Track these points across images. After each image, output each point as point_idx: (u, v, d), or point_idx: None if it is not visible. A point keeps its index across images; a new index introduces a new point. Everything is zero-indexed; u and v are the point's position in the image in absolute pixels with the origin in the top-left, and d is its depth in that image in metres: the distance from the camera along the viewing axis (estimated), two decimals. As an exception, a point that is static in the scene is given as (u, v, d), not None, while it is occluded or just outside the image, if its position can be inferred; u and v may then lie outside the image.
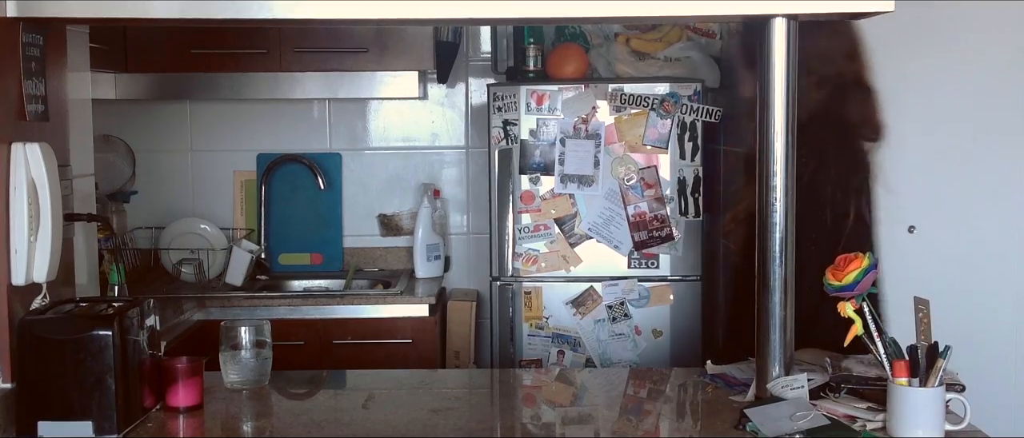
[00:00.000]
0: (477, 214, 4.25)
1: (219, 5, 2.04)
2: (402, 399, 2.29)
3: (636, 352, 3.71)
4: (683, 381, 2.50)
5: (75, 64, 2.39)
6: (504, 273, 3.73)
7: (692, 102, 3.63)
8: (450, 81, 4.12)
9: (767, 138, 2.14)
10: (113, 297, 2.58)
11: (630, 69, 3.75)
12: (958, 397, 1.99)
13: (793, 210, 2.16)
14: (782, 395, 2.13)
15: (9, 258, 2.04)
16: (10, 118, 2.05)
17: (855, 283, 2.03)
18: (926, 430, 1.93)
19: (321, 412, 2.22)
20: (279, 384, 2.40)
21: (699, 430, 2.18)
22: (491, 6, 2.10)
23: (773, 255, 2.15)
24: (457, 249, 4.27)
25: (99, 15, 2.07)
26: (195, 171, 4.22)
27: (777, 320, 2.16)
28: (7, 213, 2.04)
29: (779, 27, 2.11)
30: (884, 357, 2.00)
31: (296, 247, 4.17)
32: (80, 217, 2.33)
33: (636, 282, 3.70)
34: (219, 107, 4.18)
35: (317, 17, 2.08)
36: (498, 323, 3.75)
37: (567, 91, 3.67)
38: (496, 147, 3.69)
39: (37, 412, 2.00)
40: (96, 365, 2.00)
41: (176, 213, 4.12)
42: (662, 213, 3.67)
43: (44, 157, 2.08)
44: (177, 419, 2.17)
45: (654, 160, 3.66)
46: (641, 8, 2.11)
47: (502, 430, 2.23)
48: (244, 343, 2.35)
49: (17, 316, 2.05)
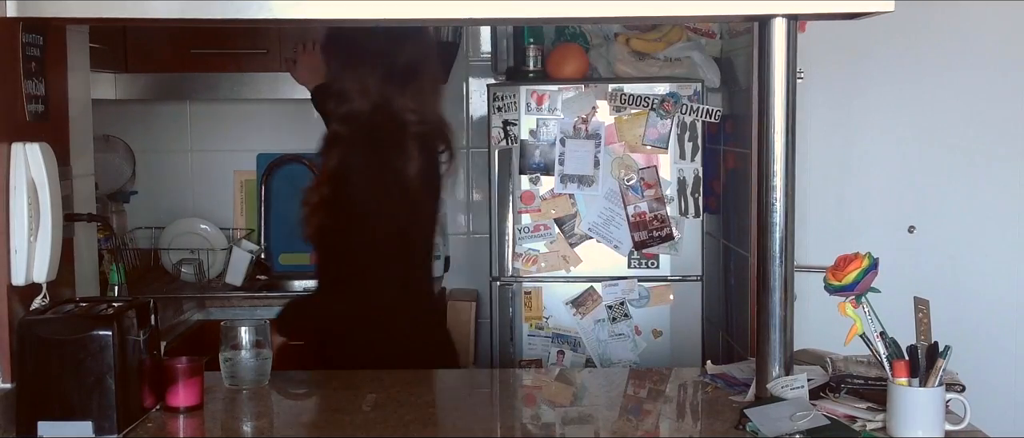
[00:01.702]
0: (477, 214, 4.25)
1: (219, 5, 2.04)
2: (402, 399, 2.29)
3: (636, 352, 3.71)
4: (683, 381, 2.50)
5: (75, 64, 2.39)
6: (504, 273, 3.73)
7: (692, 102, 3.63)
8: (450, 81, 4.11)
9: (767, 138, 2.14)
10: (113, 297, 2.58)
11: (630, 69, 3.75)
12: (958, 397, 1.99)
13: (793, 210, 2.16)
14: (782, 395, 2.13)
15: (9, 258, 2.03)
16: (10, 118, 2.05)
17: (855, 283, 2.03)
18: (926, 430, 1.93)
19: (321, 412, 2.22)
20: (279, 384, 2.40)
21: (699, 430, 2.18)
22: (491, 6, 2.10)
23: (773, 255, 2.15)
24: (457, 249, 4.27)
25: (99, 15, 2.07)
26: (195, 171, 4.22)
27: (777, 320, 2.16)
28: (7, 213, 2.04)
29: (779, 27, 2.10)
30: (884, 357, 2.00)
31: (296, 247, 4.16)
32: (80, 217, 2.33)
33: (636, 282, 3.70)
34: (219, 107, 4.17)
35: (317, 17, 2.08)
36: (498, 323, 3.75)
37: (567, 91, 3.67)
38: (496, 147, 3.69)
39: (37, 412, 2.00)
40: (96, 365, 2.00)
41: (176, 213, 4.12)
42: (662, 213, 3.67)
43: (44, 157, 2.08)
44: (177, 419, 2.17)
45: (654, 160, 3.66)
46: (641, 8, 2.11)
47: (502, 430, 2.23)
48: (244, 343, 2.35)
49: (17, 316, 2.05)
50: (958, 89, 3.48)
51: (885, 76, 3.50)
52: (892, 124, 3.53)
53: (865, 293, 2.04)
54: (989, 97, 3.48)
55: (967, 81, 3.48)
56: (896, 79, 3.50)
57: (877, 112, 3.52)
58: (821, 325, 2.47)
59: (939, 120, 3.51)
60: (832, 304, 2.07)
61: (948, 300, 2.74)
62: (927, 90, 3.50)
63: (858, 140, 3.52)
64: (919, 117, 3.52)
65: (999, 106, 3.47)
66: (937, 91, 3.50)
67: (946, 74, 3.49)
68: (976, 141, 3.49)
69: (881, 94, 3.51)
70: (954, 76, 3.48)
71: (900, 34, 3.40)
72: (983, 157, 3.50)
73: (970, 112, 3.49)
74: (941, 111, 3.50)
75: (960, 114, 3.49)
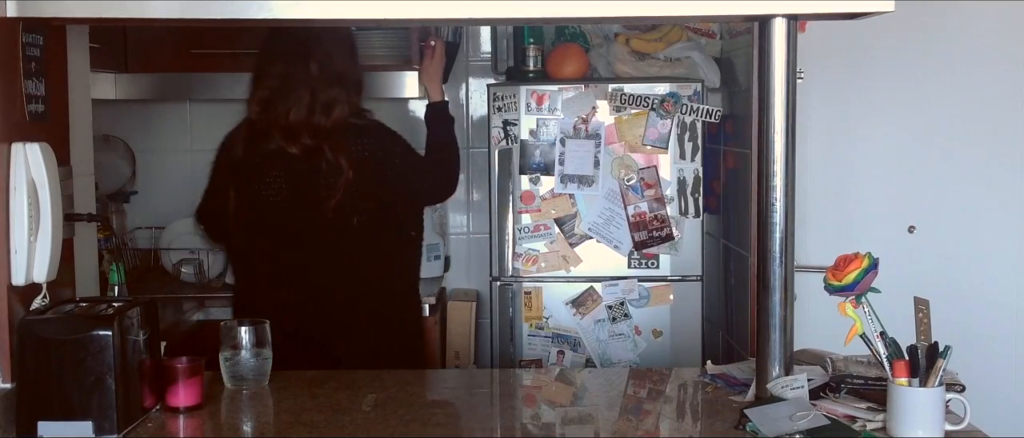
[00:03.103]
0: (477, 214, 4.25)
1: (219, 5, 2.04)
2: (402, 399, 2.29)
3: (636, 352, 3.71)
4: (683, 381, 2.50)
5: (75, 64, 2.39)
6: (504, 273, 3.73)
7: (692, 102, 3.63)
8: (450, 81, 4.11)
9: (767, 138, 2.14)
10: (113, 297, 2.57)
11: (630, 69, 3.75)
12: (958, 397, 1.99)
13: (793, 210, 2.16)
14: (782, 395, 2.13)
15: (9, 258, 2.04)
16: (10, 118, 2.05)
17: (855, 283, 2.03)
18: (926, 430, 1.93)
19: (321, 412, 2.22)
20: (279, 384, 2.40)
21: (699, 430, 2.18)
22: (491, 6, 2.10)
23: (773, 255, 2.15)
24: (457, 249, 4.27)
25: (99, 15, 2.07)
26: (195, 171, 4.20)
27: (777, 320, 2.16)
28: (7, 213, 2.04)
29: (779, 27, 2.10)
30: (884, 357, 2.00)
31: (296, 247, 4.17)
32: (80, 217, 2.33)
33: (636, 282, 3.70)
34: (219, 107, 4.16)
35: (317, 17, 2.08)
36: (498, 323, 3.75)
37: (567, 91, 3.67)
38: (496, 147, 3.69)
39: (37, 412, 2.00)
40: (96, 365, 2.00)
41: (176, 213, 4.12)
42: (662, 213, 3.67)
43: (44, 157, 2.08)
44: (177, 419, 2.17)
45: (654, 160, 3.66)
46: (641, 8, 2.11)
47: (502, 430, 2.23)
48: (244, 343, 2.35)
49: (17, 316, 2.05)
50: (958, 89, 3.48)
51: (885, 76, 3.50)
52: (892, 124, 3.53)
53: (865, 293, 2.04)
54: (989, 97, 3.48)
55: (967, 81, 3.48)
56: (896, 79, 3.50)
57: (877, 112, 3.52)
58: (821, 325, 2.47)
59: (939, 120, 3.51)
60: (832, 304, 2.07)
61: (948, 300, 2.74)
62: (927, 90, 3.50)
63: (858, 140, 3.52)
64: (919, 117, 3.51)
65: (999, 106, 3.47)
66: (937, 91, 3.50)
67: (946, 74, 3.49)
68: (976, 141, 3.49)
69: (881, 94, 3.51)
70: (954, 76, 3.48)
71: (900, 34, 3.40)
72: (983, 157, 3.50)
73: (970, 112, 3.49)
74: (941, 111, 3.50)
75: (960, 114, 3.49)
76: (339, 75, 2.85)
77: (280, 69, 2.85)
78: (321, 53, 2.84)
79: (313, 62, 2.82)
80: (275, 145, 2.84)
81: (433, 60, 3.24)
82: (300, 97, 2.81)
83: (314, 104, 2.81)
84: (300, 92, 2.81)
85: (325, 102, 2.81)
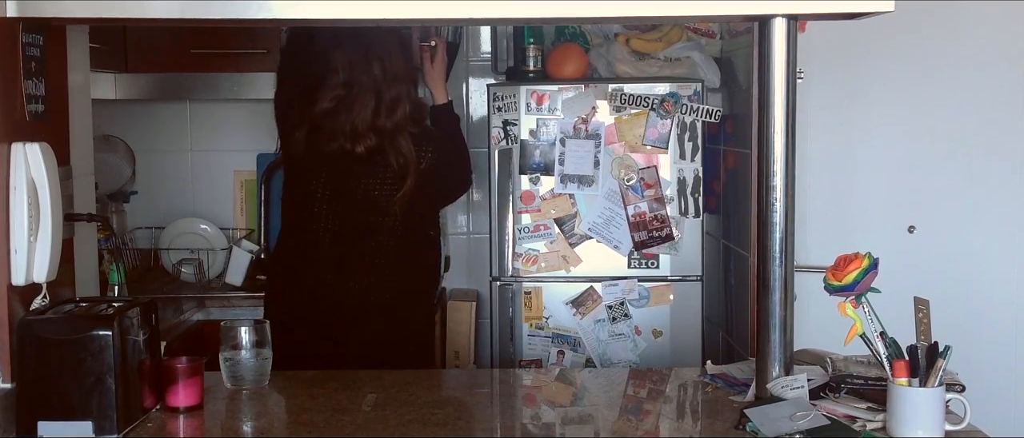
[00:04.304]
0: (477, 214, 4.25)
1: (219, 5, 2.04)
2: (402, 399, 2.29)
3: (636, 352, 3.71)
4: (683, 381, 2.50)
5: (75, 64, 2.39)
6: (504, 273, 3.73)
7: (692, 102, 3.63)
8: (450, 81, 4.10)
9: (767, 138, 2.14)
10: (113, 297, 2.57)
11: (630, 69, 3.75)
12: (958, 397, 1.99)
13: (793, 210, 2.16)
14: (782, 395, 2.13)
15: (9, 258, 2.04)
16: (10, 118, 2.05)
17: (855, 283, 2.03)
18: (926, 430, 1.93)
19: (321, 412, 2.22)
20: (279, 384, 2.40)
21: (699, 430, 2.18)
22: (491, 6, 2.10)
23: (773, 255, 2.15)
24: (457, 249, 4.27)
25: (99, 15, 2.07)
26: (195, 171, 4.22)
27: (777, 320, 2.16)
28: (7, 213, 2.04)
29: (779, 27, 2.11)
30: (884, 357, 2.00)
31: (296, 247, 4.17)
32: (80, 217, 2.33)
33: (636, 282, 3.70)
34: (219, 107, 4.17)
35: (317, 17, 2.08)
36: (498, 323, 3.75)
37: (567, 91, 3.67)
38: (496, 147, 3.69)
39: (37, 412, 2.00)
40: (96, 365, 2.00)
41: (176, 213, 4.12)
42: (662, 213, 3.67)
43: (44, 157, 2.08)
44: (177, 419, 2.17)
45: (654, 160, 3.66)
46: (641, 8, 2.11)
47: (502, 430, 2.23)
48: (244, 343, 2.35)
49: (17, 316, 2.05)
50: (958, 89, 3.48)
51: (885, 76, 3.50)
52: (892, 124, 3.53)
53: (865, 293, 2.04)
54: (989, 97, 3.48)
55: (967, 81, 3.48)
56: (896, 79, 3.50)
57: (877, 112, 3.52)
58: (821, 325, 2.47)
59: (939, 120, 3.51)
60: (832, 304, 2.07)
61: (948, 300, 2.74)
62: (927, 90, 3.50)
63: (858, 140, 3.53)
64: (919, 117, 3.52)
65: (999, 106, 3.48)
66: (937, 91, 3.50)
67: (946, 74, 3.49)
68: (976, 141, 3.49)
69: (881, 94, 3.51)
70: (954, 76, 3.48)
71: (900, 34, 3.40)
72: (983, 157, 3.50)
73: (970, 112, 3.49)
74: (941, 111, 3.50)
75: (960, 114, 3.50)
76: (398, 74, 2.93)
77: (345, 78, 2.90)
78: (383, 54, 2.92)
79: (375, 64, 2.90)
80: (337, 146, 2.90)
81: (436, 62, 3.25)
82: (365, 102, 2.89)
83: (379, 106, 2.89)
84: (365, 97, 2.89)
85: (389, 102, 2.90)
